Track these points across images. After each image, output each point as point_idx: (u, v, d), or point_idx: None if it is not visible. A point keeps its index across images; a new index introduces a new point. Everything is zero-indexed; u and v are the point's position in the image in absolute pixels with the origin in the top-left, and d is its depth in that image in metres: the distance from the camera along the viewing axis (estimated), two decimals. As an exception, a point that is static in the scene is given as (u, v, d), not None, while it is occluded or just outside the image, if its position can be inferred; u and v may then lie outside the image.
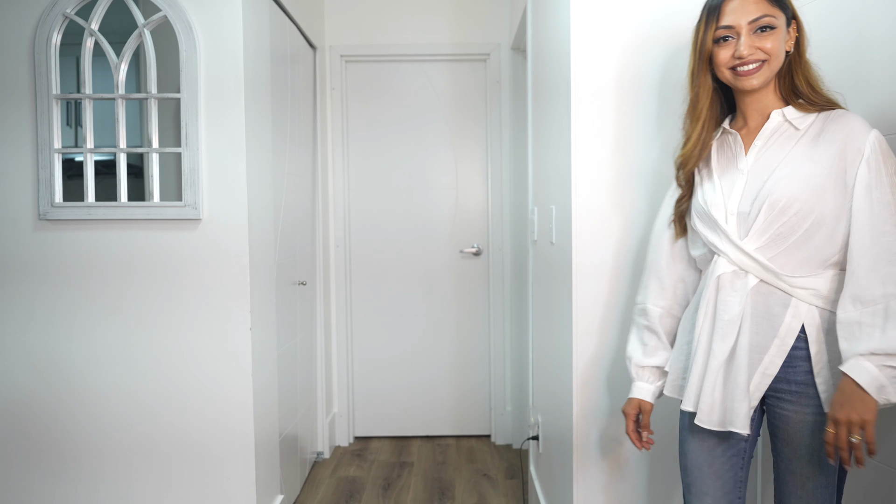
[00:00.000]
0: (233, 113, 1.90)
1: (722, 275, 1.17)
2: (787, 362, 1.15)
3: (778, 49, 1.15)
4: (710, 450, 1.24)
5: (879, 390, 1.02)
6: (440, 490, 2.71)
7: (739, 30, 1.15)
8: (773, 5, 1.15)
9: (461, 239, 3.30)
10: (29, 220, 1.92)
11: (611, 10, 1.65)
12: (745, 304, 1.15)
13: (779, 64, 1.17)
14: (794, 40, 1.19)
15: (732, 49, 1.17)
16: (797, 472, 1.16)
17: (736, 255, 1.16)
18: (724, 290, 1.17)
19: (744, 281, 1.15)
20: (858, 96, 1.32)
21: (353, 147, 3.26)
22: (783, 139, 1.18)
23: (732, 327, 1.15)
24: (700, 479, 1.25)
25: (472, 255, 3.30)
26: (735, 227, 1.17)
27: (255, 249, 2.00)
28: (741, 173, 1.20)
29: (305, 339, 2.80)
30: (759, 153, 1.19)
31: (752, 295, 1.15)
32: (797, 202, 1.10)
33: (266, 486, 2.10)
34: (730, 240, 1.16)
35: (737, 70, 1.18)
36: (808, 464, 1.14)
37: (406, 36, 3.18)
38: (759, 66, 1.16)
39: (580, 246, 1.69)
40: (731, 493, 1.24)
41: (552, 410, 2.03)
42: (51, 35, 1.86)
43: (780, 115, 1.19)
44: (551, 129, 1.95)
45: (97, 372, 1.94)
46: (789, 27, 1.18)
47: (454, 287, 3.28)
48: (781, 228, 1.12)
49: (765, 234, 1.13)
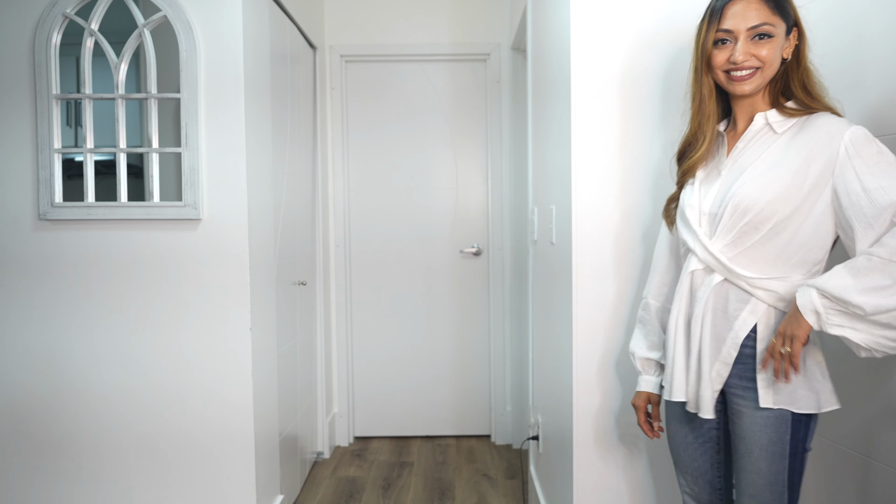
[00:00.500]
0: (233, 113, 1.90)
1: (695, 271, 1.24)
2: (738, 359, 1.20)
3: (773, 58, 1.17)
4: (685, 436, 1.34)
5: (815, 315, 1.08)
6: (440, 490, 2.71)
7: (738, 35, 1.17)
8: (775, 13, 1.16)
9: (461, 239, 3.30)
10: (29, 220, 1.92)
11: (611, 10, 1.65)
12: (707, 298, 1.20)
13: (773, 72, 1.19)
14: (794, 48, 1.20)
15: (729, 53, 1.18)
16: (748, 469, 1.19)
17: (703, 254, 1.22)
18: (697, 286, 1.24)
19: (710, 278, 1.22)
20: (858, 95, 1.32)
21: (353, 147, 3.26)
22: (761, 142, 1.21)
23: (698, 321, 1.22)
24: (682, 459, 1.36)
25: (472, 255, 3.30)
26: (706, 227, 1.22)
27: (255, 249, 2.00)
28: (720, 175, 1.24)
29: (305, 339, 2.80)
30: (738, 155, 1.23)
31: (715, 291, 1.21)
32: (758, 203, 1.14)
33: (266, 486, 2.10)
34: (699, 239, 1.22)
35: (731, 74, 1.20)
36: (758, 460, 1.18)
37: (406, 36, 3.18)
38: (752, 73, 1.18)
39: (580, 246, 1.69)
40: (708, 473, 1.33)
41: (552, 410, 2.03)
42: (51, 35, 1.86)
43: (763, 118, 1.21)
44: (551, 128, 1.95)
45: (97, 372, 1.94)
46: (790, 35, 1.19)
47: (454, 287, 3.28)
48: (744, 228, 1.16)
49: (728, 234, 1.18)
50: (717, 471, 1.33)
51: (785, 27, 1.17)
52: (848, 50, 1.36)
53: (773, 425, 1.17)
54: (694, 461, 1.33)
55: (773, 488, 1.18)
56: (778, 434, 1.17)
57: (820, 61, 1.26)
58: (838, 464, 1.43)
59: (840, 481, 1.42)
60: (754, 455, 1.19)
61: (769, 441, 1.17)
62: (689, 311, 1.25)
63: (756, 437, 1.18)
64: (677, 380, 1.25)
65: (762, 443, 1.18)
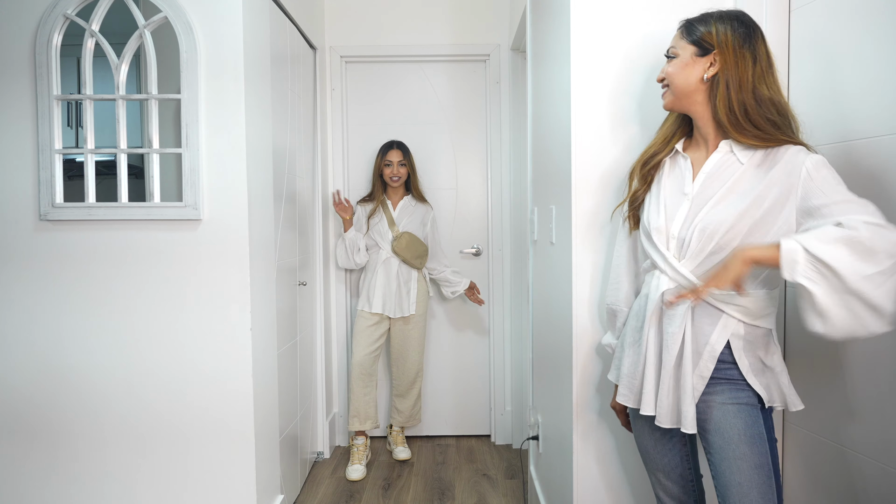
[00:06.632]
0: (233, 114, 1.91)
1: (666, 291, 1.27)
2: (716, 366, 1.26)
3: (673, 75, 1.30)
4: (651, 433, 1.40)
5: (792, 263, 1.09)
6: (440, 490, 2.71)
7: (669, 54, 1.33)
8: (682, 38, 1.30)
9: (461, 239, 3.31)
10: (30, 221, 1.92)
11: (611, 10, 1.66)
12: (685, 316, 1.24)
13: (682, 89, 1.29)
14: (717, 71, 1.25)
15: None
16: (729, 457, 1.21)
17: (674, 275, 1.27)
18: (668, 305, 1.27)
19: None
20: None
21: (353, 147, 3.26)
22: (727, 170, 1.27)
23: (676, 338, 1.25)
24: (652, 458, 1.42)
25: (472, 256, 3.31)
26: (675, 249, 1.28)
27: (255, 249, 2.01)
28: (686, 198, 1.30)
29: (305, 339, 2.80)
30: (704, 182, 1.29)
31: (690, 310, 1.25)
32: (722, 228, 1.20)
33: (266, 485, 2.10)
34: (668, 262, 1.28)
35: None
36: (738, 444, 1.21)
37: (406, 37, 3.18)
38: (666, 90, 1.33)
39: (580, 246, 1.69)
40: (679, 467, 1.40)
41: (552, 410, 2.04)
42: (52, 36, 1.87)
43: (728, 145, 1.28)
44: (551, 129, 1.96)
45: (97, 372, 1.95)
46: (704, 56, 1.26)
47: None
48: (713, 249, 1.22)
49: (697, 257, 1.24)
50: (688, 463, 1.41)
51: (693, 50, 1.27)
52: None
53: (745, 411, 1.23)
54: (664, 457, 1.40)
55: (761, 471, 1.20)
56: (752, 418, 1.22)
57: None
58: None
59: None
60: (734, 441, 1.22)
61: (745, 425, 1.22)
62: (659, 329, 1.29)
63: (731, 424, 1.23)
64: (647, 394, 1.29)
65: (739, 427, 1.22)
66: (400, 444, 3.12)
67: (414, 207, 3.05)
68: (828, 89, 1.45)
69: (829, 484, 1.49)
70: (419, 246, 2.99)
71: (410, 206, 3.05)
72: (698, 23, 1.28)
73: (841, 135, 1.41)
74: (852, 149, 1.37)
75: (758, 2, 1.59)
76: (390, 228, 2.98)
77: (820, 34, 1.48)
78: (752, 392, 1.24)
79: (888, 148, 1.29)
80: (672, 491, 1.42)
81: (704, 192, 1.27)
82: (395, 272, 2.97)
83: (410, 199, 3.06)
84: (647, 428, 1.40)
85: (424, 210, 3.08)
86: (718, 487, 1.24)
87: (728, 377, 1.25)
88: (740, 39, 1.23)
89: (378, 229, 2.99)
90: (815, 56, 1.50)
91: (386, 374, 3.28)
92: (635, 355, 1.35)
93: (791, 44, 1.57)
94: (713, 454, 1.25)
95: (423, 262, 3.03)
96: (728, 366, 1.25)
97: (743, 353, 1.24)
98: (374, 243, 3.01)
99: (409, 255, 2.95)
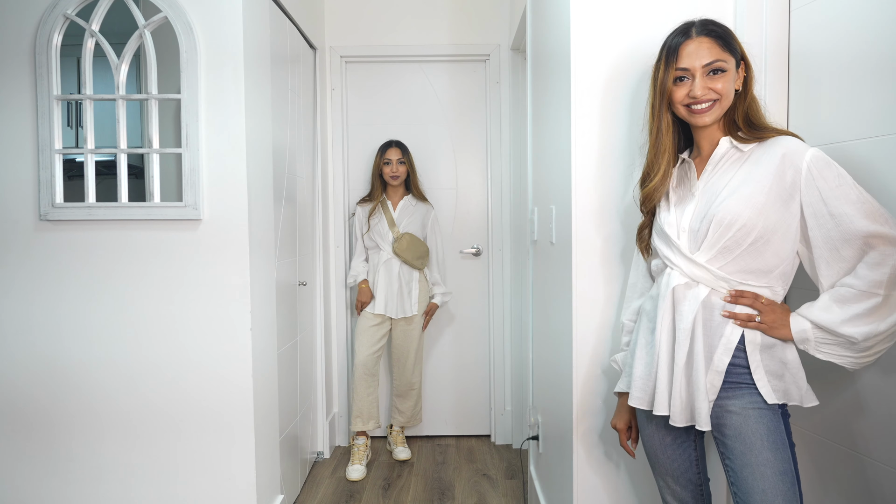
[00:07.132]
0: (233, 114, 1.91)
1: (676, 286, 1.27)
2: (729, 367, 1.24)
3: (728, 90, 1.27)
4: (662, 438, 1.39)
5: (805, 343, 1.23)
6: (440, 490, 2.71)
7: (694, 72, 1.27)
8: (724, 50, 1.26)
9: (461, 239, 3.31)
10: (30, 221, 1.92)
11: (611, 9, 1.66)
12: (697, 312, 1.24)
13: (729, 102, 1.29)
14: (742, 80, 1.30)
15: (688, 88, 1.28)
16: (752, 463, 1.19)
17: (688, 267, 1.27)
18: (679, 301, 1.27)
19: (695, 291, 1.26)
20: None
21: (352, 147, 3.26)
22: (729, 164, 1.29)
23: (687, 334, 1.24)
24: (661, 462, 1.40)
25: (472, 256, 3.31)
26: (687, 242, 1.28)
27: (255, 249, 2.01)
28: (693, 196, 1.31)
29: (305, 339, 2.80)
30: (709, 177, 1.31)
31: (703, 305, 1.25)
32: (740, 219, 1.20)
33: (266, 485, 2.10)
34: (682, 253, 1.28)
35: (691, 108, 1.30)
36: (762, 450, 1.19)
37: (406, 36, 3.18)
38: (711, 105, 1.28)
39: (580, 246, 1.69)
40: (689, 471, 1.39)
41: (552, 410, 2.04)
42: (52, 36, 1.87)
43: (728, 141, 1.30)
44: (551, 129, 1.96)
45: (97, 372, 1.95)
46: (738, 68, 1.29)
47: (454, 287, 3.28)
48: (728, 242, 1.22)
49: (713, 247, 1.24)
50: (697, 467, 1.39)
51: (734, 62, 1.28)
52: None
53: (766, 416, 1.21)
54: (674, 461, 1.39)
55: (785, 477, 1.17)
56: (774, 423, 1.21)
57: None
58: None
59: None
60: (756, 447, 1.19)
61: (768, 430, 1.20)
62: (672, 327, 1.28)
63: (753, 429, 1.20)
64: (660, 394, 1.27)
65: (761, 433, 1.20)
66: (400, 444, 3.12)
67: (414, 207, 3.05)
68: (827, 89, 1.45)
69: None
70: (420, 247, 2.99)
71: (411, 206, 3.05)
72: (728, 36, 1.28)
73: (840, 135, 1.41)
74: (851, 149, 1.37)
75: (758, 2, 1.59)
76: (391, 229, 2.98)
77: (820, 34, 1.48)
78: (770, 395, 1.22)
79: (887, 148, 1.29)
80: (681, 495, 1.41)
81: (710, 186, 1.29)
82: (397, 273, 2.97)
83: (411, 199, 3.07)
84: (657, 432, 1.39)
85: (425, 210, 3.08)
86: (739, 494, 1.21)
87: (745, 382, 1.23)
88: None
89: (378, 230, 2.99)
90: (815, 56, 1.50)
91: (387, 374, 3.28)
92: (648, 356, 1.32)
93: (791, 44, 1.57)
94: (733, 460, 1.22)
95: (425, 263, 3.03)
96: (743, 371, 1.24)
97: (758, 351, 1.23)
98: (374, 244, 3.01)
99: (409, 256, 2.95)
